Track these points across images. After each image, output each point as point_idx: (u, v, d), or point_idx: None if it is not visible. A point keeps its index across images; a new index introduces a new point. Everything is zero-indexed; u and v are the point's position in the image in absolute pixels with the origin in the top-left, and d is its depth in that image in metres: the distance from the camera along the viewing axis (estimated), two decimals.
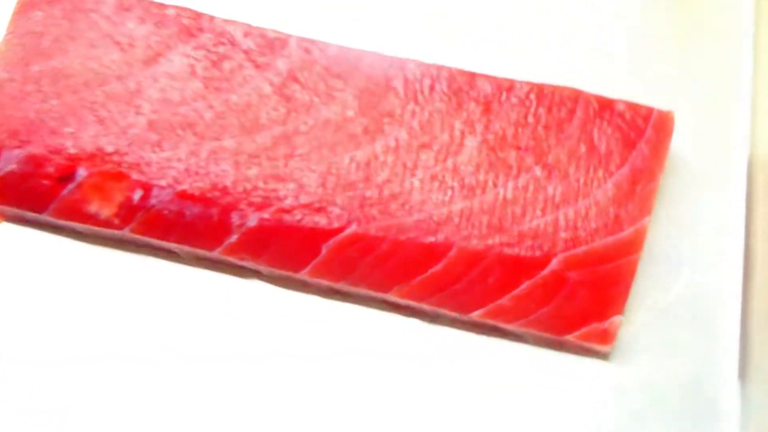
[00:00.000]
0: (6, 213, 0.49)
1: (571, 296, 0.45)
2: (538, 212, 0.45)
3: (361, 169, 0.46)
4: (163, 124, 0.47)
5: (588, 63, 0.52)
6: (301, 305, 0.48)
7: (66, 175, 0.46)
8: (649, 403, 0.47)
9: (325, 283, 0.47)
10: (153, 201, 0.46)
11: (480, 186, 0.46)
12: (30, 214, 0.48)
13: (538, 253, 0.45)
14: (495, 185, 0.45)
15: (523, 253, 0.45)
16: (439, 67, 0.48)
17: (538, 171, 0.46)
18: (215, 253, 0.47)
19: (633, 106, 0.47)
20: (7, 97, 0.47)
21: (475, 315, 0.46)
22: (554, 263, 0.45)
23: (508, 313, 0.45)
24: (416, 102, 0.47)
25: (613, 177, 0.45)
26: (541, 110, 0.47)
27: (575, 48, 0.52)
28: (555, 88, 0.47)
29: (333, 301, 0.48)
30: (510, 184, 0.45)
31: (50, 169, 0.46)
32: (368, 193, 0.46)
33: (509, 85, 0.47)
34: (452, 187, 0.46)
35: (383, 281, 0.46)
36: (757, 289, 0.48)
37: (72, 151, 0.46)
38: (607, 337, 0.45)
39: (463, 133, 0.46)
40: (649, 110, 0.47)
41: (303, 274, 0.46)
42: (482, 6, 0.53)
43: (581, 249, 0.45)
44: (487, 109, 0.47)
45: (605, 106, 0.47)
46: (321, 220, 0.45)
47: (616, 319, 0.45)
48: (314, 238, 0.46)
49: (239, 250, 0.46)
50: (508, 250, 0.45)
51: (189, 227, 0.46)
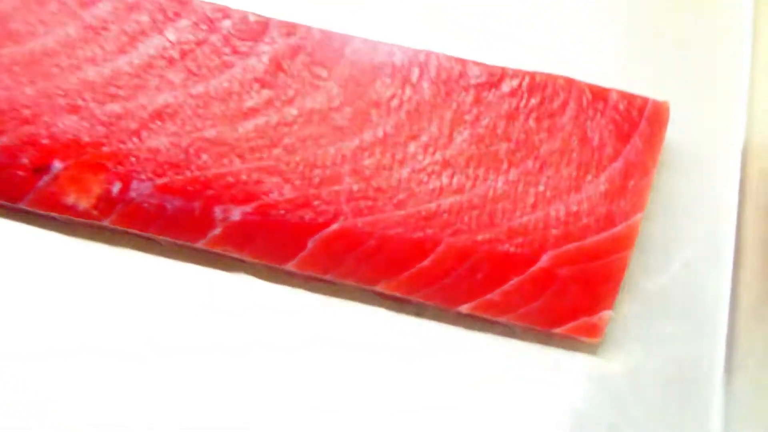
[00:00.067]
0: None
1: (560, 292, 0.44)
2: (529, 207, 0.44)
3: (348, 162, 0.45)
4: (141, 113, 0.45)
5: (580, 52, 0.50)
6: (287, 298, 0.47)
7: (41, 167, 0.45)
8: (634, 393, 0.47)
9: (311, 273, 0.46)
10: (132, 194, 0.45)
11: (470, 180, 0.44)
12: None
13: (527, 250, 0.44)
14: (485, 179, 0.44)
15: (512, 249, 0.44)
16: (428, 53, 0.46)
17: (529, 164, 0.44)
18: (197, 245, 0.46)
19: (627, 96, 0.45)
20: None
21: (463, 309, 0.45)
22: (544, 260, 0.44)
23: (497, 308, 0.45)
24: (404, 91, 0.45)
25: (606, 171, 0.44)
26: (533, 100, 0.45)
27: (566, 36, 0.51)
28: (548, 77, 0.46)
29: (318, 294, 0.47)
30: (500, 179, 0.44)
31: (24, 161, 0.45)
32: (355, 187, 0.44)
33: (501, 73, 0.46)
34: (441, 181, 0.44)
35: (370, 275, 0.45)
36: (746, 282, 0.47)
37: (47, 141, 0.45)
38: (595, 331, 0.45)
39: (452, 125, 0.45)
40: (644, 101, 0.45)
41: (288, 267, 0.46)
42: None
43: (572, 246, 0.44)
44: (478, 99, 0.45)
45: (599, 95, 0.45)
46: (307, 215, 0.44)
47: (606, 313, 0.45)
48: (300, 232, 0.44)
49: (223, 242, 0.45)
50: (497, 247, 0.44)
51: (170, 220, 0.45)
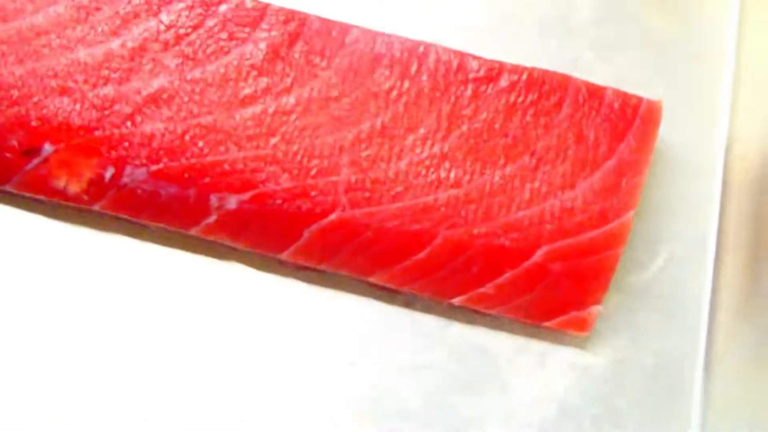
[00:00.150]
0: None
1: (552, 286, 0.45)
2: (525, 203, 0.45)
3: (346, 153, 0.44)
4: (135, 98, 0.44)
5: (565, 50, 0.50)
6: (278, 286, 0.47)
7: (31, 149, 0.44)
8: (617, 385, 0.48)
9: (304, 263, 0.46)
10: (126, 179, 0.44)
11: (467, 174, 0.45)
12: None
13: (522, 245, 0.44)
14: (482, 174, 0.45)
15: (507, 243, 0.44)
16: (428, 45, 0.46)
17: (525, 160, 0.45)
18: (191, 233, 0.45)
19: (622, 95, 0.46)
20: None
21: (456, 301, 0.46)
22: (538, 255, 0.44)
23: (489, 300, 0.45)
24: (403, 83, 0.45)
25: (600, 169, 0.45)
26: (531, 96, 0.45)
27: (550, 33, 0.51)
28: (545, 73, 0.46)
29: (309, 284, 0.47)
30: (497, 173, 0.45)
31: (13, 142, 0.44)
32: (353, 178, 0.44)
33: (499, 68, 0.46)
34: (438, 174, 0.45)
35: (365, 266, 0.45)
36: (727, 280, 0.49)
37: (37, 123, 0.43)
38: (584, 325, 0.46)
39: (450, 118, 0.45)
40: (639, 99, 0.46)
41: (282, 256, 0.45)
42: None
43: (565, 242, 0.44)
44: (476, 93, 0.45)
45: (594, 93, 0.46)
46: (303, 204, 0.44)
47: (595, 308, 0.46)
48: (296, 222, 0.44)
49: (217, 231, 0.45)
50: (493, 241, 0.44)
51: (164, 207, 0.44)
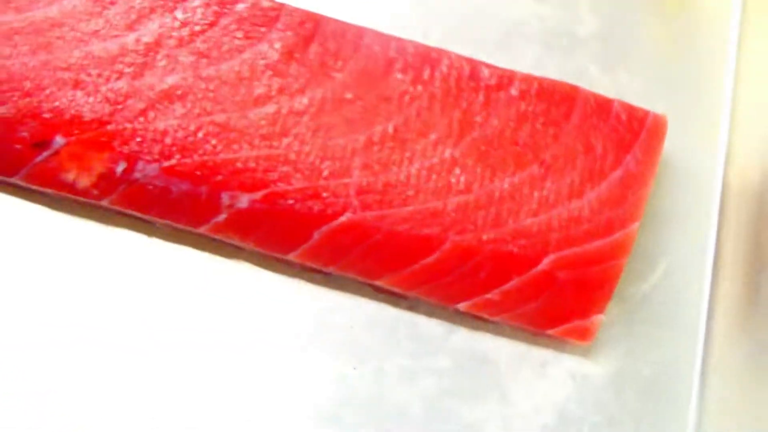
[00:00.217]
0: None
1: (557, 294, 0.45)
2: (533, 210, 0.45)
3: (358, 155, 0.45)
4: (149, 93, 0.44)
5: (572, 62, 0.51)
6: (281, 286, 0.47)
7: (42, 141, 0.43)
8: (616, 394, 0.48)
9: (312, 265, 0.46)
10: (137, 175, 0.44)
11: (477, 180, 0.45)
12: None
13: (530, 252, 0.45)
14: (492, 180, 0.45)
15: (516, 250, 0.45)
16: (440, 51, 0.46)
17: (534, 168, 0.45)
18: (200, 231, 0.45)
19: (629, 107, 0.47)
20: None
21: (461, 306, 0.46)
22: (545, 262, 0.45)
23: (494, 307, 0.46)
24: (416, 88, 0.46)
25: (607, 179, 0.46)
26: (541, 106, 0.46)
27: (554, 48, 0.52)
28: (555, 83, 0.47)
29: (312, 284, 0.48)
30: (507, 181, 0.45)
31: (24, 134, 0.43)
32: (364, 181, 0.44)
33: (510, 76, 0.46)
34: (449, 179, 0.45)
35: (373, 269, 0.45)
36: (724, 292, 0.49)
37: (49, 115, 0.43)
38: (587, 334, 0.46)
39: (462, 124, 0.45)
40: (645, 113, 0.47)
41: (291, 257, 0.45)
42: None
43: (572, 250, 0.45)
44: (487, 101, 0.46)
45: (602, 105, 0.47)
46: (315, 206, 0.44)
47: (598, 317, 0.46)
48: (306, 223, 0.44)
49: (226, 229, 0.45)
50: (501, 247, 0.45)
51: (174, 203, 0.44)
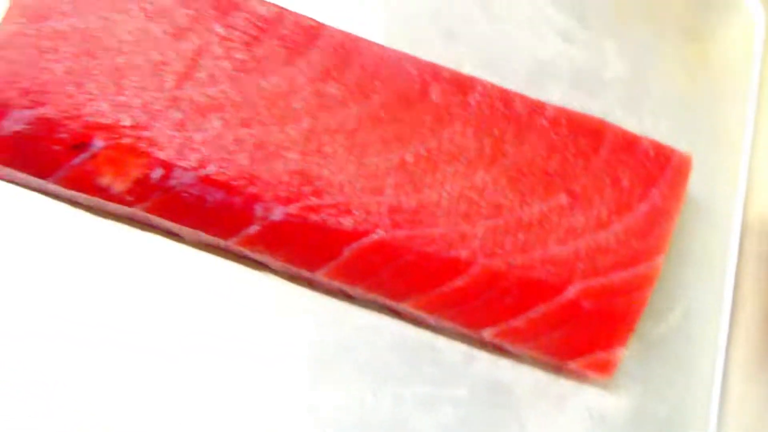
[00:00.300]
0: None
1: (581, 324, 0.46)
2: (560, 238, 0.46)
3: (391, 175, 0.45)
4: (188, 103, 0.44)
5: (598, 102, 0.53)
6: (308, 304, 0.48)
7: (80, 144, 0.44)
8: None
9: (339, 284, 0.46)
10: (173, 182, 0.44)
11: (506, 206, 0.46)
12: (21, 177, 0.45)
13: (556, 279, 0.45)
14: (521, 207, 0.46)
15: (542, 277, 0.45)
16: (474, 79, 0.47)
17: (563, 198, 0.46)
18: (229, 242, 0.45)
19: (655, 144, 0.48)
20: (19, 51, 0.44)
21: (487, 333, 0.46)
22: (571, 291, 0.45)
23: (519, 335, 0.46)
24: (450, 112, 0.47)
25: (633, 212, 0.47)
26: (570, 137, 0.47)
27: (583, 85, 0.53)
28: (584, 117, 0.48)
29: (337, 300, 0.48)
30: (536, 208, 0.46)
31: (64, 135, 0.43)
32: (396, 200, 0.45)
33: (541, 107, 0.47)
34: (479, 204, 0.45)
35: (401, 290, 0.45)
36: (742, 334, 0.50)
37: (89, 119, 0.44)
38: (608, 366, 0.47)
39: (493, 150, 0.46)
40: (671, 150, 0.48)
41: (319, 274, 0.46)
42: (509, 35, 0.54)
43: (597, 280, 0.46)
44: (518, 129, 0.47)
45: (630, 140, 0.48)
46: (346, 222, 0.44)
47: (619, 350, 0.46)
48: (337, 239, 0.45)
49: (257, 242, 0.45)
50: (528, 273, 0.45)
51: (207, 213, 0.44)
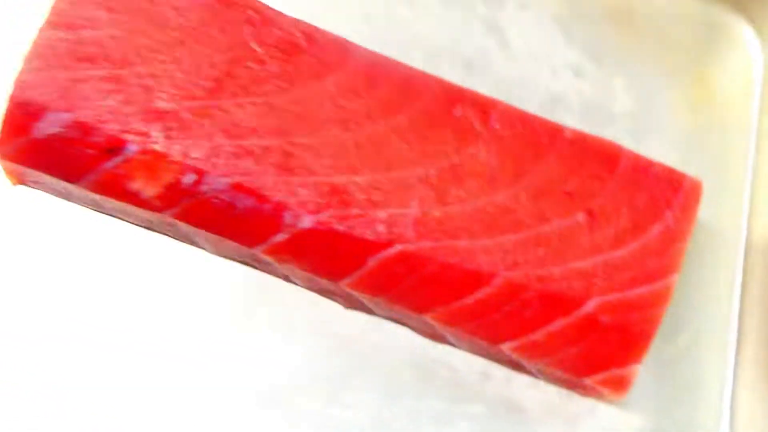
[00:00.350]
0: (24, 176, 0.46)
1: (598, 339, 0.47)
2: (579, 254, 0.47)
3: (416, 189, 0.46)
4: (221, 112, 0.45)
5: (607, 134, 0.54)
6: (328, 316, 0.48)
7: (115, 147, 0.44)
8: None
9: (363, 294, 0.47)
10: (204, 188, 0.45)
11: (528, 221, 0.47)
12: (50, 180, 0.46)
13: (576, 293, 0.46)
14: (542, 223, 0.47)
15: (562, 290, 0.46)
16: (496, 101, 0.49)
17: (581, 216, 0.48)
18: (256, 251, 0.46)
19: (668, 169, 0.50)
20: (57, 57, 0.44)
21: (507, 347, 0.47)
22: (590, 305, 0.46)
23: (537, 349, 0.47)
24: (473, 131, 0.48)
25: (648, 232, 0.48)
26: (587, 159, 0.49)
27: (593, 119, 0.56)
28: (600, 140, 0.50)
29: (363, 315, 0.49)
30: (556, 224, 0.47)
31: (99, 139, 0.44)
32: (421, 212, 0.46)
33: (559, 130, 0.49)
34: (501, 218, 0.47)
35: (423, 301, 0.46)
36: (748, 357, 0.51)
37: (124, 124, 0.44)
38: (623, 383, 0.47)
39: (515, 168, 0.48)
40: (682, 175, 0.50)
41: (343, 284, 0.46)
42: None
43: (615, 295, 0.47)
44: (538, 149, 0.48)
45: (643, 164, 0.49)
46: (372, 232, 0.45)
47: (635, 367, 0.47)
48: (362, 249, 0.45)
49: (284, 250, 0.46)
50: (549, 285, 0.46)
51: (236, 220, 0.45)
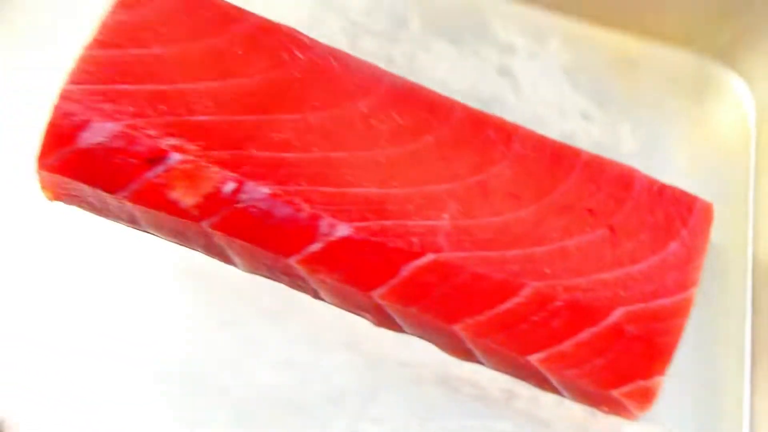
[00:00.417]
0: (62, 190, 0.48)
1: (624, 349, 0.48)
2: (604, 267, 0.49)
3: (449, 201, 0.48)
4: (263, 125, 0.47)
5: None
6: (356, 335, 0.49)
7: (156, 157, 0.46)
8: None
9: (395, 305, 0.48)
10: (243, 196, 0.46)
11: (554, 235, 0.49)
12: (88, 192, 0.47)
13: (602, 304, 0.48)
14: (568, 236, 0.49)
15: (589, 300, 0.48)
16: (518, 126, 0.51)
17: (604, 231, 0.49)
18: (290, 260, 0.47)
19: (681, 191, 0.52)
20: (104, 68, 0.46)
21: (535, 358, 0.48)
22: (615, 314, 0.48)
23: (565, 360, 0.48)
24: (498, 152, 0.50)
25: (666, 247, 0.50)
26: (606, 180, 0.51)
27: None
28: (616, 163, 0.52)
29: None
30: (581, 239, 0.49)
31: (141, 149, 0.46)
32: (453, 224, 0.48)
33: (577, 153, 0.51)
34: (530, 232, 0.48)
35: (453, 311, 0.47)
36: (764, 367, 0.53)
37: (166, 134, 0.46)
38: (647, 396, 0.48)
39: (541, 186, 0.50)
40: (694, 198, 0.52)
41: (375, 295, 0.47)
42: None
43: (639, 306, 0.48)
44: (561, 170, 0.50)
45: (658, 187, 0.52)
46: (405, 242, 0.47)
47: (659, 379, 0.48)
48: (396, 258, 0.47)
49: (318, 260, 0.47)
50: (576, 295, 0.48)
51: (273, 229, 0.46)
